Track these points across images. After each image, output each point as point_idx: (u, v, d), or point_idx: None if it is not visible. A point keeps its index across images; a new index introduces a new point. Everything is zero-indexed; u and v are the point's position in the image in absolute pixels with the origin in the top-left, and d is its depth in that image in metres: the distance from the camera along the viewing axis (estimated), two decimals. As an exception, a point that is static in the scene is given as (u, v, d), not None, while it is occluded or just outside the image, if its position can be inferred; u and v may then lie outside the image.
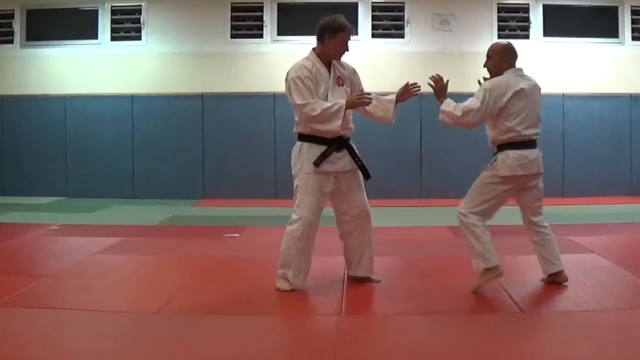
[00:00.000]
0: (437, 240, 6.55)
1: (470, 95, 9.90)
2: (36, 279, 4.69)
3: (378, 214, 4.53)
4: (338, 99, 4.23)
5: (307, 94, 4.16)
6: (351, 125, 4.34)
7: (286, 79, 4.27)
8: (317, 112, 4.13)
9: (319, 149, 4.23)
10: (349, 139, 4.36)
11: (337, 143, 4.26)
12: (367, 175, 4.37)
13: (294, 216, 4.27)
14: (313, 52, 4.33)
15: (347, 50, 4.35)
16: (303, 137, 4.32)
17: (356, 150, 4.37)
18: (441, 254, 5.35)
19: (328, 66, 4.31)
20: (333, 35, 4.26)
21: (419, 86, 4.39)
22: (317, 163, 4.21)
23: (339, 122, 4.13)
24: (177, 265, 5.33)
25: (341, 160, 4.28)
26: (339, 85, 4.31)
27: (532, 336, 3.51)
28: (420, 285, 4.52)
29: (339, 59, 4.36)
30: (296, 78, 4.18)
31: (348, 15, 10.01)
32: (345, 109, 4.17)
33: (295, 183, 4.32)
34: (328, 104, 4.15)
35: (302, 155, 4.28)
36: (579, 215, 8.19)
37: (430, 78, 4.33)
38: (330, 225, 4.47)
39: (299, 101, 4.17)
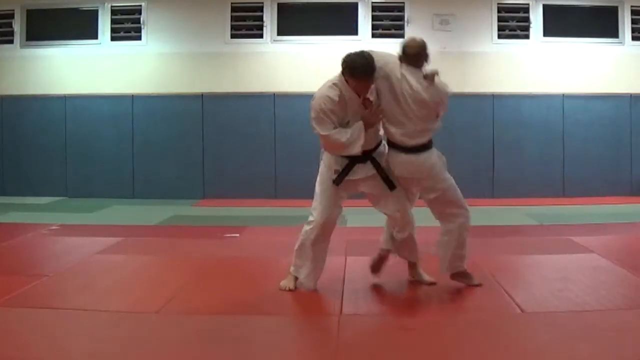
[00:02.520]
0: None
1: (470, 95, 9.90)
2: (36, 279, 4.69)
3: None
4: (356, 121, 4.18)
5: (330, 124, 4.10)
6: (378, 139, 4.30)
7: (312, 108, 4.16)
8: (342, 140, 4.09)
9: (342, 160, 4.22)
10: (373, 150, 4.28)
11: (360, 157, 4.22)
12: (390, 186, 4.26)
13: (310, 218, 4.29)
14: (342, 76, 4.15)
15: (366, 92, 4.17)
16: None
17: (381, 162, 4.29)
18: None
19: None
20: (348, 77, 4.10)
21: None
22: (338, 182, 4.21)
23: (359, 145, 4.11)
24: (177, 265, 5.33)
25: (362, 169, 4.24)
26: (366, 108, 4.20)
27: (532, 336, 3.51)
28: (421, 285, 4.52)
29: (361, 95, 4.17)
30: (320, 111, 4.09)
31: (348, 15, 10.16)
32: (365, 129, 4.15)
33: (317, 187, 4.31)
34: (349, 132, 4.10)
35: (326, 162, 4.29)
36: (579, 215, 8.20)
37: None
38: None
39: (323, 132, 4.11)
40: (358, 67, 4.05)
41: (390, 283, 4.58)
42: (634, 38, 10.10)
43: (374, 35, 10.16)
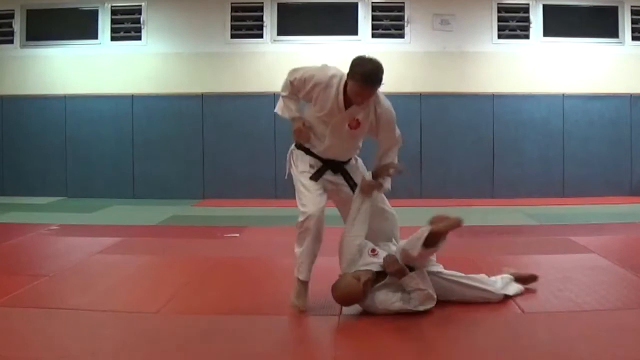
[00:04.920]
0: (437, 240, 6.53)
1: (469, 95, 9.92)
2: (36, 279, 4.69)
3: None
4: (337, 137, 3.93)
5: (289, 88, 3.99)
6: (352, 154, 4.11)
7: (296, 69, 3.97)
8: (285, 114, 4.08)
9: (315, 161, 4.04)
10: (346, 162, 4.11)
11: (331, 165, 4.05)
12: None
13: (302, 209, 3.98)
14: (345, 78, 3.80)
15: (361, 103, 3.80)
16: (299, 146, 4.14)
17: (354, 176, 4.11)
18: (441, 254, 5.33)
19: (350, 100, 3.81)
20: (349, 77, 3.73)
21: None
22: (315, 178, 3.99)
23: (280, 113, 4.11)
24: (177, 265, 5.33)
25: (333, 175, 4.09)
26: (350, 127, 3.90)
27: (532, 336, 3.51)
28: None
29: (356, 104, 3.82)
30: (299, 77, 3.90)
31: (348, 15, 10.17)
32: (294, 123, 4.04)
33: (296, 183, 4.10)
34: (289, 107, 4.05)
35: (296, 159, 4.12)
36: (579, 215, 8.19)
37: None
38: (330, 225, 4.45)
39: (285, 85, 4.03)
40: (361, 68, 3.68)
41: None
42: (634, 38, 10.10)
43: (374, 35, 10.16)
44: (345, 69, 3.94)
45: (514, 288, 4.18)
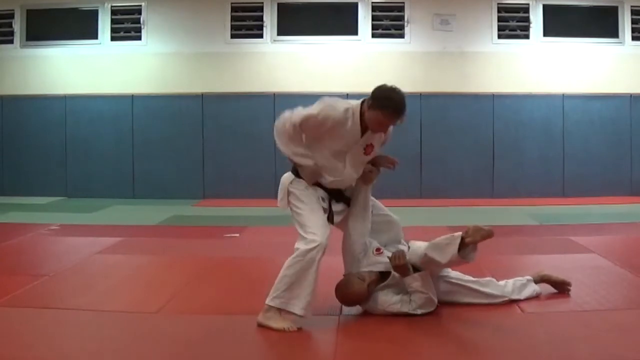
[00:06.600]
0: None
1: (469, 95, 9.93)
2: (36, 279, 4.69)
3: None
4: (353, 165, 3.79)
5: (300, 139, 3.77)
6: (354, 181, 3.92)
7: (316, 105, 3.74)
8: (304, 161, 3.78)
9: (322, 193, 3.84)
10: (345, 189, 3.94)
11: (336, 195, 3.90)
12: None
13: (310, 237, 3.69)
14: (360, 107, 3.67)
15: (385, 132, 3.77)
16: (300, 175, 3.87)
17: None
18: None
19: (365, 127, 3.69)
20: (373, 107, 3.59)
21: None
22: (325, 211, 3.82)
23: (303, 162, 3.78)
24: (177, 265, 5.33)
25: (336, 205, 3.94)
26: (365, 154, 3.79)
27: (532, 336, 3.50)
28: (420, 285, 4.51)
29: (373, 132, 3.72)
30: (323, 116, 3.65)
31: (348, 15, 10.17)
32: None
33: (300, 207, 3.82)
34: (305, 155, 3.78)
35: (301, 192, 3.85)
36: (579, 215, 8.20)
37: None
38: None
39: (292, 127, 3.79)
40: (393, 101, 3.57)
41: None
42: (634, 38, 10.11)
43: (374, 35, 10.16)
44: (345, 69, 3.89)
45: (529, 290, 4.12)
